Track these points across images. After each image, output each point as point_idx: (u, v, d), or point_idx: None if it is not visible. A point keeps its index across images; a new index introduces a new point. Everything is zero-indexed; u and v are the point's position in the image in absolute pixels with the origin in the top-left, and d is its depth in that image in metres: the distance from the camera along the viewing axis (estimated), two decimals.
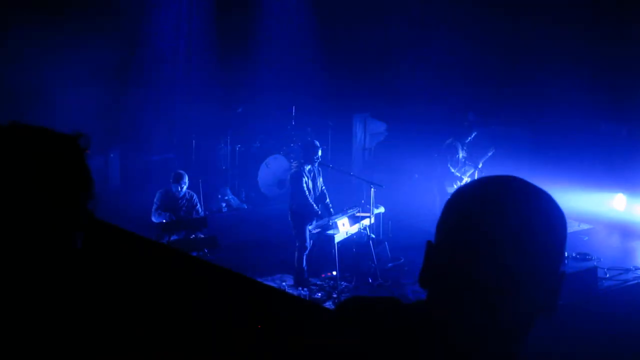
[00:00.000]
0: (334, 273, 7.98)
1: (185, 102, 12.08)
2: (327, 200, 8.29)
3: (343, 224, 8.04)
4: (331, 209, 8.23)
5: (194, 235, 8.17)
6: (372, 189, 8.19)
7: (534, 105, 11.56)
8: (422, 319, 1.23)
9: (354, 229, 8.22)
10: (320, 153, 8.14)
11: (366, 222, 8.31)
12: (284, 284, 7.84)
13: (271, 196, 11.73)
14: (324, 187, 8.32)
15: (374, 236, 8.35)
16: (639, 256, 9.25)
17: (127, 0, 11.15)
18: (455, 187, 8.93)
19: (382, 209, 8.76)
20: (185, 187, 8.42)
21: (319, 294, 7.90)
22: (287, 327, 1.87)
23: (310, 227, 7.98)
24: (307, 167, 8.06)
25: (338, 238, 7.90)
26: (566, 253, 1.24)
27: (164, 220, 8.15)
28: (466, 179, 9.79)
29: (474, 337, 1.18)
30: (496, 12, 11.41)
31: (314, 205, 8.01)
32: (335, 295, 7.80)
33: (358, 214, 8.38)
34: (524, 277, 1.15)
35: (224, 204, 11.34)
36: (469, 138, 10.02)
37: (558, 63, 10.87)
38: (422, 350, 1.20)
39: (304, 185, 7.93)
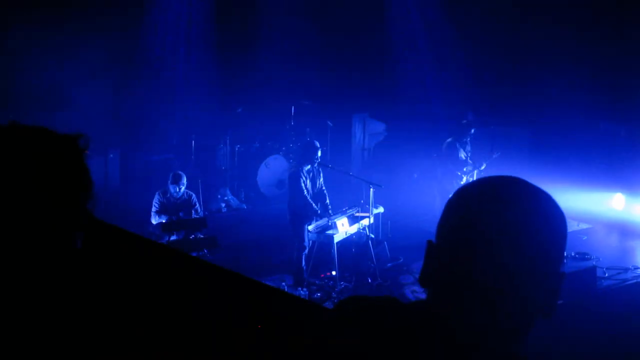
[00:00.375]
0: (333, 273, 7.98)
1: (185, 102, 12.07)
2: (327, 201, 8.28)
3: (342, 224, 8.04)
4: (330, 210, 8.22)
5: (193, 236, 8.16)
6: (371, 189, 8.19)
7: (534, 105, 11.56)
8: (422, 319, 1.23)
9: (353, 229, 8.22)
10: (320, 154, 8.13)
11: (365, 222, 8.30)
12: (283, 284, 7.82)
13: (270, 196, 11.73)
14: (324, 188, 8.31)
15: (373, 236, 8.34)
16: (637, 255, 9.25)
17: (127, 0, 11.16)
18: (456, 186, 8.92)
19: (381, 209, 8.76)
20: (183, 188, 8.42)
21: (319, 294, 7.89)
22: (287, 327, 1.87)
23: (309, 227, 7.97)
24: (306, 168, 8.05)
25: (337, 238, 7.91)
26: (565, 253, 1.23)
27: (164, 221, 8.16)
28: (466, 179, 9.78)
29: (474, 337, 1.18)
30: (496, 12, 11.41)
31: (313, 204, 8.01)
32: (334, 295, 7.79)
33: (357, 214, 8.38)
34: (523, 276, 1.15)
35: (223, 204, 11.35)
36: (468, 137, 10.01)
37: (558, 63, 10.88)
38: (422, 350, 1.20)
39: (302, 185, 7.93)
